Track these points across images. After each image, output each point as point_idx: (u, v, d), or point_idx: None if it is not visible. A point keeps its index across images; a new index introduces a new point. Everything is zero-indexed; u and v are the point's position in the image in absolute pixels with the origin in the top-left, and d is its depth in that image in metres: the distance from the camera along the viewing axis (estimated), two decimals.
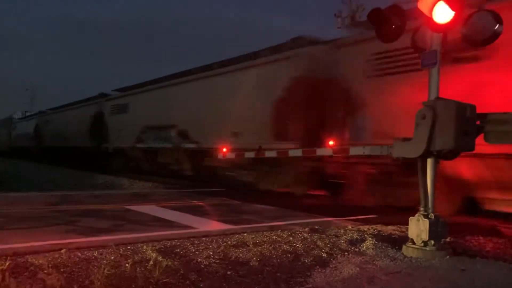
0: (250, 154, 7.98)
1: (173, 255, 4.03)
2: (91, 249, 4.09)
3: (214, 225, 6.17)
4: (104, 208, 7.26)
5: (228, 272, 3.59)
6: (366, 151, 6.19)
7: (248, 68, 11.45)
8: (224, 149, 8.80)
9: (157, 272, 3.44)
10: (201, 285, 3.26)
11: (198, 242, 4.60)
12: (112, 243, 4.30)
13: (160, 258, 3.83)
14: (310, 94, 9.22)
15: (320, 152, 7.10)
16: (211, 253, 4.15)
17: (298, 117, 9.39)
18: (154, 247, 4.23)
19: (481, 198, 6.79)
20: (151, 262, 3.69)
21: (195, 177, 13.70)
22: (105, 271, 3.34)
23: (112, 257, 3.82)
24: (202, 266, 3.74)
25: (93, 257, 3.81)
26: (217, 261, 3.89)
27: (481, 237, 5.45)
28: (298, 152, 7.09)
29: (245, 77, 11.35)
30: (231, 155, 8.88)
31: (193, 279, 3.37)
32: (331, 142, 7.50)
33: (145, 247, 4.23)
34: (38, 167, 20.47)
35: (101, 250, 4.04)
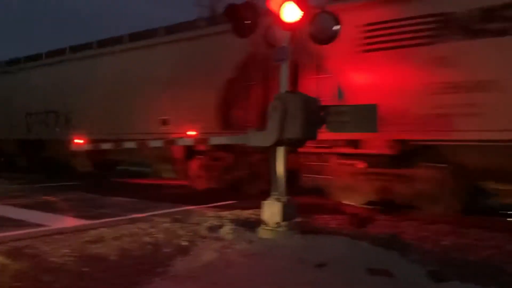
0: (107, 146, 7.66)
1: (22, 256, 3.74)
2: None
3: (69, 222, 5.82)
4: None
5: (85, 269, 3.47)
6: (225, 140, 6.45)
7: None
8: (79, 140, 8.28)
9: (4, 276, 3.17)
10: (56, 286, 3.11)
11: (51, 240, 4.33)
12: None
13: (8, 261, 3.54)
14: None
15: (181, 142, 7.16)
16: (66, 251, 3.95)
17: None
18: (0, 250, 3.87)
19: None
20: None
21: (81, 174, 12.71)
22: None
23: None
24: (57, 265, 3.55)
25: None
26: (73, 259, 3.72)
27: (326, 216, 6.11)
28: (158, 143, 7.05)
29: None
30: (88, 147, 8.41)
31: (46, 280, 3.20)
32: (191, 132, 7.62)
33: None
34: None
35: None
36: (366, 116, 4.60)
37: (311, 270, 3.45)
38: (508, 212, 6.80)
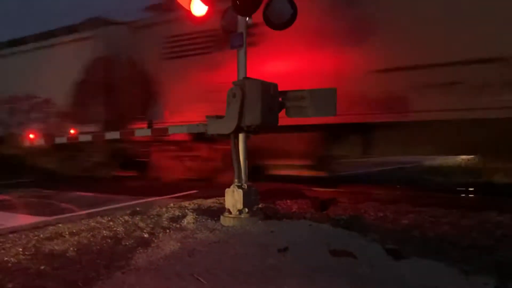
0: (61, 140, 7.39)
1: None
2: None
3: (23, 219, 5.60)
4: None
5: (42, 267, 3.34)
6: (184, 129, 6.35)
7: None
8: (31, 135, 7.97)
9: None
10: (10, 286, 2.97)
11: (4, 239, 4.15)
12: None
13: None
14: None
15: (139, 133, 7.02)
16: (21, 249, 3.79)
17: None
18: None
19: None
20: None
21: None
22: None
23: None
24: (10, 264, 3.40)
25: None
26: (28, 257, 3.58)
27: (288, 201, 6.15)
28: (115, 135, 6.87)
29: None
30: (41, 141, 8.11)
31: None
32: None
33: None
34: None
35: None
36: (325, 100, 4.62)
37: (274, 255, 3.46)
38: (461, 189, 7.12)
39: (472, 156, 11.08)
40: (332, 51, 7.20)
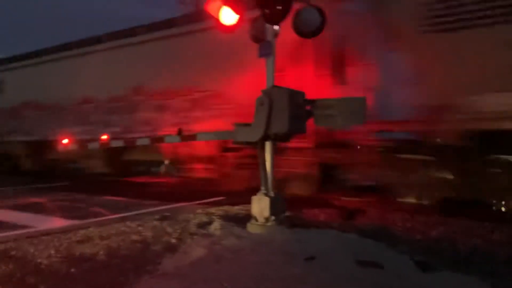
0: (94, 145, 7.59)
1: (7, 259, 3.69)
2: None
3: (56, 222, 5.76)
4: None
5: (72, 270, 3.43)
6: (212, 136, 6.42)
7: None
8: (65, 140, 8.21)
9: None
10: (42, 287, 3.06)
11: (38, 241, 4.28)
12: None
13: None
14: None
15: (168, 140, 7.12)
16: (53, 252, 3.90)
17: None
18: None
19: None
20: None
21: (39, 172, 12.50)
22: None
23: None
24: (43, 266, 3.51)
25: None
26: (60, 260, 3.68)
27: (315, 210, 6.11)
28: (145, 141, 7.00)
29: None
30: (74, 147, 8.35)
31: (32, 282, 3.15)
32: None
33: None
34: None
35: None
36: (354, 108, 4.59)
37: (300, 264, 3.45)
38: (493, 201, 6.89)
39: None
40: None
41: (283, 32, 4.95)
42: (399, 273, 3.29)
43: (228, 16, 4.95)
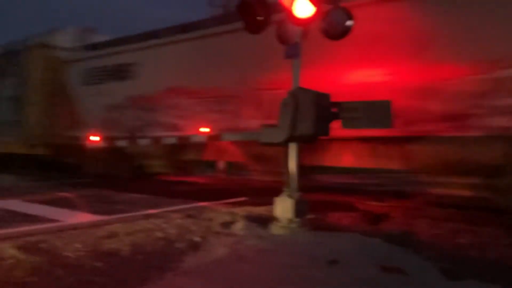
0: (122, 143, 7.73)
1: (36, 251, 3.79)
2: None
3: (84, 217, 5.89)
4: None
5: (98, 264, 3.50)
6: (238, 137, 6.45)
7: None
8: (94, 137, 8.38)
9: (18, 270, 3.22)
10: (68, 280, 3.13)
11: (65, 235, 4.38)
12: None
13: (21, 255, 3.59)
14: None
15: (194, 138, 7.20)
16: (80, 246, 3.99)
17: None
18: (14, 244, 3.92)
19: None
20: (11, 261, 3.45)
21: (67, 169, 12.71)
22: None
23: None
24: (70, 260, 3.59)
25: None
26: (86, 254, 3.76)
27: (339, 213, 6.06)
28: (172, 140, 7.09)
29: None
30: (103, 143, 8.52)
31: (59, 274, 3.23)
32: (204, 129, 7.64)
33: (3, 245, 3.90)
34: None
35: None
36: (380, 112, 4.55)
37: (323, 267, 3.43)
38: None
39: None
40: None
41: None
42: (424, 280, 3.23)
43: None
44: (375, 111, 4.49)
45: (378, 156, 7.17)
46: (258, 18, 4.98)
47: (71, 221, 5.39)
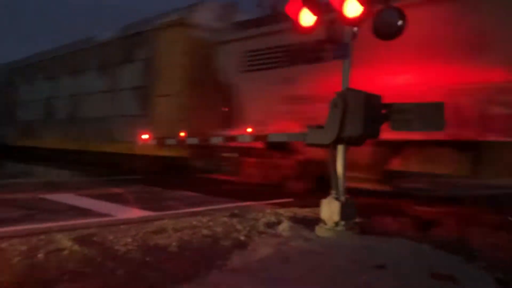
0: (172, 141, 7.90)
1: (89, 243, 3.96)
2: (0, 240, 3.89)
3: (133, 213, 6.09)
4: (15, 198, 6.87)
5: (147, 258, 3.60)
6: (284, 137, 6.44)
7: None
8: (145, 136, 8.63)
9: (73, 261, 3.37)
10: (119, 273, 3.24)
11: (116, 229, 4.54)
12: (24, 233, 4.12)
13: (76, 247, 3.75)
14: None
15: (240, 139, 7.25)
16: (130, 240, 4.13)
17: None
18: (69, 236, 4.11)
19: None
20: (66, 252, 3.62)
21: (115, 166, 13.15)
22: (15, 262, 3.22)
23: (24, 248, 3.67)
24: (120, 253, 3.72)
25: (2, 249, 3.64)
26: (136, 248, 3.88)
27: (387, 217, 5.92)
28: (219, 139, 7.18)
29: None
30: (153, 142, 8.75)
31: (111, 267, 3.35)
32: (249, 129, 7.68)
33: (59, 236, 4.10)
34: None
35: (10, 241, 3.86)
36: (432, 114, 4.40)
37: (369, 271, 3.37)
38: None
39: None
40: None
41: None
42: None
43: (306, 18, 4.92)
44: (428, 113, 4.34)
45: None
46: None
47: (122, 216, 5.59)
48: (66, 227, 4.60)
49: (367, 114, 4.37)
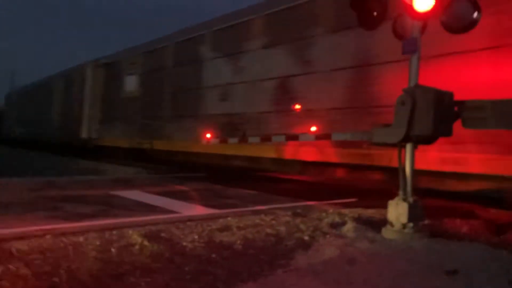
0: (234, 140, 8.02)
1: (158, 239, 4.09)
2: (76, 234, 4.12)
3: (198, 210, 6.24)
4: (87, 194, 7.27)
5: (213, 255, 3.67)
6: (348, 137, 6.31)
7: None
8: (208, 135, 8.83)
9: (143, 256, 3.50)
10: (187, 268, 3.33)
11: (183, 226, 4.67)
12: (98, 228, 4.35)
13: (146, 242, 3.89)
14: None
15: (302, 138, 7.21)
16: (196, 237, 4.23)
17: None
18: (139, 232, 4.28)
19: None
20: (137, 247, 3.76)
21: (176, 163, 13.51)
22: (91, 255, 3.40)
23: (98, 242, 3.86)
24: (187, 249, 3.82)
25: (78, 242, 3.85)
26: (202, 245, 3.96)
27: (457, 220, 5.63)
28: (281, 138, 7.18)
29: None
30: (216, 141, 8.94)
31: (178, 262, 3.44)
32: (313, 128, 7.60)
33: (130, 231, 4.28)
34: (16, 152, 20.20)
35: (86, 235, 4.08)
36: (510, 111, 4.13)
37: (441, 277, 3.21)
38: None
39: None
40: None
41: None
42: None
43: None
44: (507, 110, 4.07)
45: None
46: (375, 13, 4.80)
47: (187, 213, 5.75)
48: (135, 223, 4.79)
49: (437, 112, 4.17)
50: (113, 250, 3.63)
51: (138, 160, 14.95)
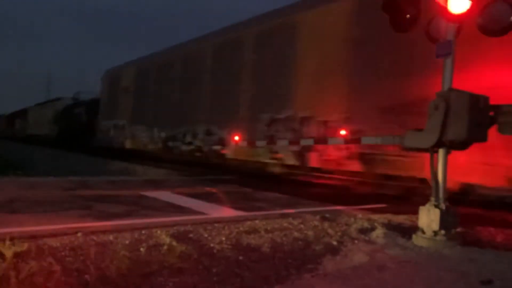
0: (262, 143, 8.03)
1: (186, 240, 4.13)
2: (106, 233, 4.21)
3: (227, 212, 6.26)
4: (119, 194, 7.40)
5: (240, 258, 3.67)
6: (379, 141, 6.22)
7: None
8: (236, 137, 8.86)
9: (171, 256, 3.54)
10: (214, 270, 3.34)
11: (211, 228, 4.69)
12: (127, 228, 4.42)
13: (174, 243, 3.93)
14: None
15: (332, 141, 7.15)
16: (224, 238, 4.24)
17: None
18: (168, 232, 4.33)
19: None
20: (165, 247, 3.80)
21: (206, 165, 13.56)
22: (120, 254, 3.45)
23: (127, 241, 3.93)
24: (215, 251, 3.83)
25: (109, 241, 3.92)
26: (230, 247, 3.97)
27: (491, 228, 5.45)
28: (309, 141, 7.14)
29: None
30: (244, 143, 8.97)
31: (206, 264, 3.46)
32: (343, 132, 7.52)
33: (159, 232, 4.33)
34: (55, 153, 20.81)
35: (116, 234, 4.15)
36: None
37: (475, 287, 3.11)
38: None
39: None
40: None
41: None
42: None
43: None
44: None
45: None
46: (408, 16, 4.71)
47: (215, 215, 5.77)
48: (164, 224, 4.85)
49: (472, 116, 4.06)
50: (142, 249, 3.68)
51: (167, 161, 15.11)
